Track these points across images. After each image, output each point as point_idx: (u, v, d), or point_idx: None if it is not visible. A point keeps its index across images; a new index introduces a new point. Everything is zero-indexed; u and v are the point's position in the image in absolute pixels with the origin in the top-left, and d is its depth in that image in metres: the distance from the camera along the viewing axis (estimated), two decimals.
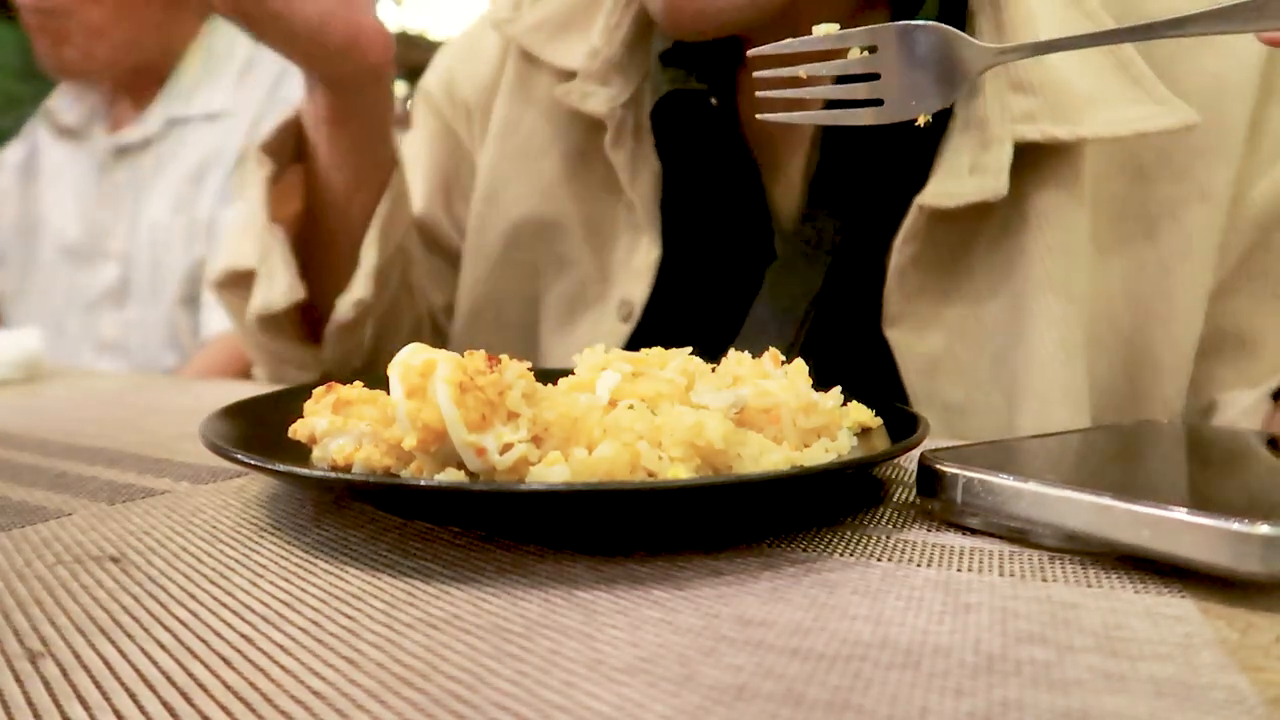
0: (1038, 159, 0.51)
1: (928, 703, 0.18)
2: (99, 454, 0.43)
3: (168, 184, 1.19)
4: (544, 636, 0.22)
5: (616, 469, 0.28)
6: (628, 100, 0.61)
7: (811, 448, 0.32)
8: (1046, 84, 0.50)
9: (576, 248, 0.65)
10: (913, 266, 0.53)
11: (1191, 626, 0.22)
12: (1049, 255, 0.51)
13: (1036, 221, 0.51)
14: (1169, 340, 0.52)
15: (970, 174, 0.51)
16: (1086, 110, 0.49)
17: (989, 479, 0.29)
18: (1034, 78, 0.50)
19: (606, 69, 0.61)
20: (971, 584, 0.25)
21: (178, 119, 1.22)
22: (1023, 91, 0.50)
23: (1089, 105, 0.50)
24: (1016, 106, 0.50)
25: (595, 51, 0.61)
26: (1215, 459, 0.35)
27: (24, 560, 0.28)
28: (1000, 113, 0.50)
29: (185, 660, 0.21)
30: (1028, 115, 0.50)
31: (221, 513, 0.33)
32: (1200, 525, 0.24)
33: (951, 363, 0.54)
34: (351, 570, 0.26)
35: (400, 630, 0.22)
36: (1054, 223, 0.51)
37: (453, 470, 0.29)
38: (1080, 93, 0.50)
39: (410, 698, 0.19)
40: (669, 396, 0.33)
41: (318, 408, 0.33)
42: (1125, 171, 0.53)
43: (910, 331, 0.54)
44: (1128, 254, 0.53)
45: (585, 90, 0.61)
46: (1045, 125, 0.49)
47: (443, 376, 0.28)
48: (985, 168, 0.50)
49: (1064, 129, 0.49)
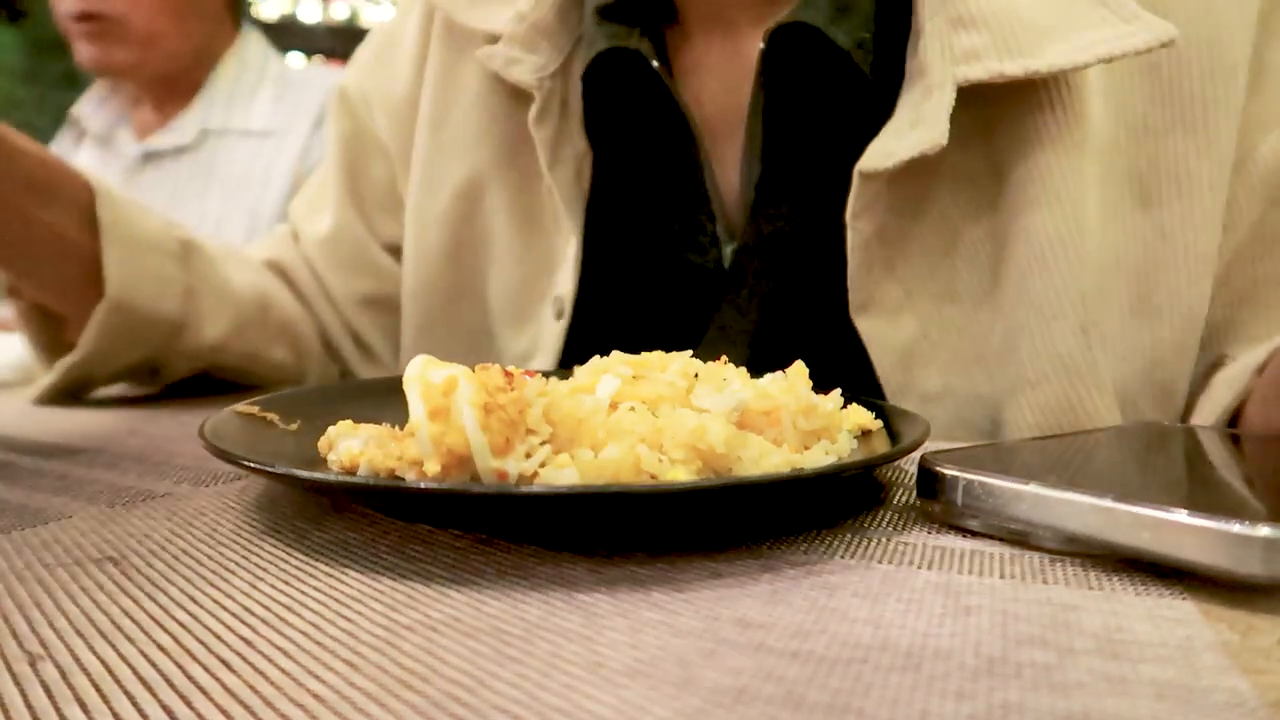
0: (1017, 113, 0.46)
1: (928, 705, 0.18)
2: (99, 456, 0.43)
3: (204, 197, 1.19)
4: (544, 639, 0.22)
5: (622, 471, 0.28)
6: (556, 70, 0.56)
7: (812, 450, 0.32)
8: (994, 16, 0.44)
9: (515, 239, 0.61)
10: (878, 243, 0.49)
11: (1192, 629, 0.22)
12: (1040, 218, 0.46)
13: (1021, 180, 0.46)
14: (1174, 311, 0.48)
15: (911, 129, 0.45)
16: (1042, 41, 0.43)
17: (989, 481, 0.29)
18: (979, 10, 0.44)
19: (534, 34, 0.55)
20: (972, 586, 0.25)
21: (213, 130, 1.23)
22: (966, 27, 0.44)
23: (1045, 35, 0.44)
24: (959, 45, 0.45)
25: (522, 15, 0.56)
26: (1216, 461, 0.35)
27: (23, 563, 0.28)
28: (941, 54, 0.45)
29: (185, 663, 0.20)
30: (971, 54, 0.44)
31: (222, 515, 0.33)
32: (1201, 527, 0.24)
33: (928, 349, 0.50)
34: (351, 573, 0.26)
35: (400, 633, 0.22)
36: (1043, 181, 0.45)
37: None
38: (1034, 21, 0.44)
39: (410, 700, 0.19)
40: (670, 399, 0.33)
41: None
42: (1127, 126, 0.48)
43: (880, 318, 0.50)
44: (1128, 219, 0.48)
45: (510, 56, 0.55)
46: (991, 62, 0.44)
47: (467, 398, 0.28)
48: (924, 119, 0.45)
49: (1013, 64, 0.43)
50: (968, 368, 0.50)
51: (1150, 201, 0.48)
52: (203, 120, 1.23)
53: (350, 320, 0.70)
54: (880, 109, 0.50)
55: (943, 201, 0.49)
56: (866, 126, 0.49)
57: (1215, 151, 0.47)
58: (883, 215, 0.48)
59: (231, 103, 1.24)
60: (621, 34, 0.54)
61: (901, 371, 0.50)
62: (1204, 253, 0.47)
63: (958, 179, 0.48)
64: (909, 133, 0.46)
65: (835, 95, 0.52)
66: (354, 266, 0.69)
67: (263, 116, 1.22)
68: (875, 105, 0.50)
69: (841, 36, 0.49)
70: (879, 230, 0.49)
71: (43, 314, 0.60)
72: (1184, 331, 0.48)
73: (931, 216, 0.49)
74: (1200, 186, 0.47)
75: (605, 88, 0.57)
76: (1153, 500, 0.25)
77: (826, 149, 0.52)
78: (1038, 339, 0.47)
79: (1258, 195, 0.48)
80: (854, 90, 0.51)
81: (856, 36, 0.49)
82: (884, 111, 0.49)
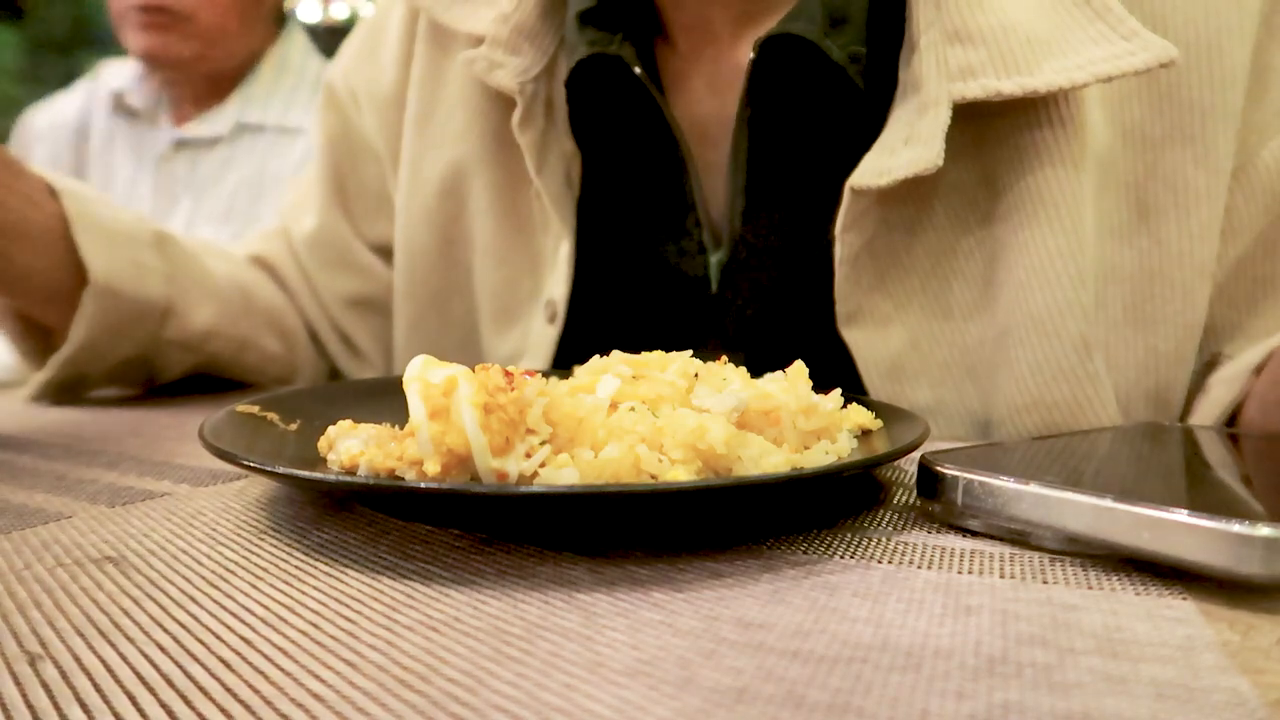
0: (1014, 130, 0.46)
1: (929, 705, 0.18)
2: (99, 456, 0.43)
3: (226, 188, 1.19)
4: (544, 639, 0.22)
5: (622, 471, 0.28)
6: (540, 73, 0.55)
7: (812, 450, 0.32)
8: (990, 31, 0.43)
9: (498, 239, 0.60)
10: (867, 256, 0.48)
11: (1193, 629, 0.22)
12: (1041, 234, 0.45)
13: (1019, 196, 0.46)
14: (1170, 321, 0.47)
15: (905, 145, 0.45)
16: (1040, 58, 0.43)
17: (990, 481, 0.29)
18: (976, 25, 0.44)
19: (516, 37, 0.55)
20: (972, 586, 0.25)
21: (250, 125, 1.23)
22: (962, 42, 0.44)
23: (1043, 51, 0.43)
24: (955, 61, 0.44)
25: (505, 16, 0.55)
26: (1216, 461, 0.35)
27: (23, 562, 0.28)
28: (936, 70, 0.44)
29: (185, 663, 0.20)
30: (967, 70, 0.44)
31: (221, 515, 0.33)
32: (1201, 527, 0.24)
33: (918, 362, 0.49)
34: (351, 573, 0.26)
35: (400, 633, 0.22)
36: (1042, 197, 0.45)
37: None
38: (1031, 37, 0.43)
39: (410, 700, 0.19)
40: (670, 399, 0.33)
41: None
42: (1125, 135, 0.47)
43: (869, 330, 0.49)
44: (1124, 230, 0.47)
45: (493, 59, 0.55)
46: (988, 80, 0.43)
47: (467, 398, 0.28)
48: (919, 136, 0.44)
49: (1011, 82, 0.42)
50: (959, 382, 0.49)
51: (1147, 212, 0.47)
52: (239, 114, 1.22)
53: (337, 319, 0.70)
54: (871, 121, 0.49)
55: (935, 215, 0.48)
56: (856, 138, 0.49)
57: (1213, 160, 0.46)
58: (872, 229, 0.48)
59: (269, 99, 1.23)
60: (603, 40, 0.53)
61: (890, 383, 0.50)
62: (1201, 263, 0.47)
63: (950, 193, 0.48)
64: (902, 149, 0.45)
65: (825, 107, 0.51)
66: (339, 266, 0.69)
67: (300, 115, 1.22)
68: (866, 117, 0.50)
69: (836, 50, 0.48)
70: (868, 244, 0.48)
71: (28, 323, 0.60)
72: (1180, 341, 0.48)
73: (923, 230, 0.48)
74: (1198, 196, 0.46)
75: (589, 93, 0.56)
76: (1153, 500, 0.25)
77: (815, 160, 0.52)
78: (1038, 353, 0.46)
79: (1259, 204, 0.47)
80: (844, 102, 0.50)
81: (850, 50, 0.49)
82: (874, 123, 0.49)
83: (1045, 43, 0.43)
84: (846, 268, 0.49)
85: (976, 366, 0.49)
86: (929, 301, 0.49)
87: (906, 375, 0.50)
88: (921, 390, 0.50)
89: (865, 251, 0.48)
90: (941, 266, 0.49)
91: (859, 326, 0.50)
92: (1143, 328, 0.48)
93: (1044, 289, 0.46)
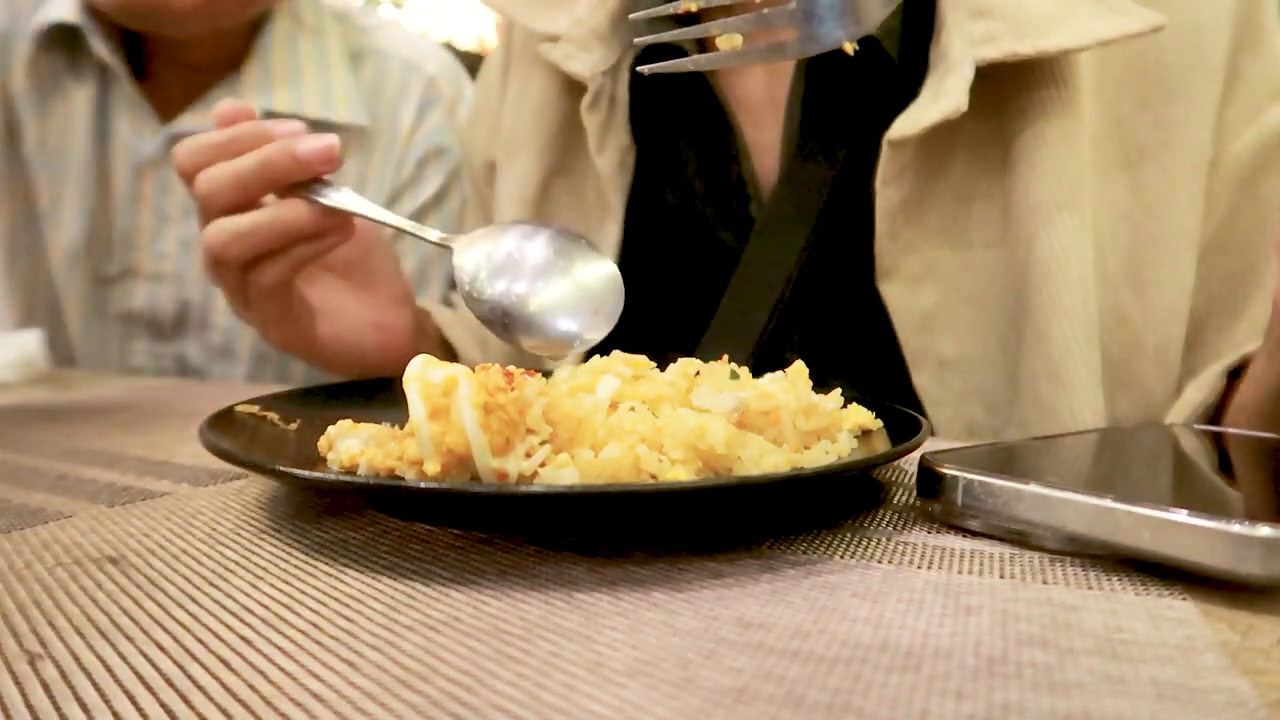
0: (1023, 90, 0.52)
1: (928, 705, 0.18)
2: (99, 456, 0.43)
3: None
4: (544, 639, 0.22)
5: (622, 471, 0.28)
6: (609, 70, 0.61)
7: (812, 450, 0.32)
8: (1008, 7, 0.51)
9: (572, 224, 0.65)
10: (902, 213, 0.54)
11: (1193, 629, 0.22)
12: (1049, 188, 0.51)
13: (1026, 144, 0.52)
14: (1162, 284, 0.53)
15: (934, 102, 0.51)
16: (1049, 27, 0.50)
17: (990, 481, 0.29)
18: (995, 3, 0.51)
19: (589, 38, 0.61)
20: (972, 586, 0.25)
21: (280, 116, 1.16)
22: (983, 16, 0.51)
23: (1051, 23, 0.50)
24: (977, 31, 0.51)
25: (580, 20, 0.61)
26: (1216, 461, 0.35)
27: (23, 562, 0.28)
28: (961, 41, 0.51)
29: (184, 662, 0.20)
30: (988, 37, 0.50)
31: (221, 515, 0.33)
32: (1201, 528, 0.24)
33: (946, 315, 0.54)
34: (351, 572, 0.26)
35: (400, 632, 0.22)
36: (1045, 144, 0.51)
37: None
38: (1042, 13, 0.51)
39: (410, 700, 0.19)
40: (670, 399, 0.33)
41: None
42: (1113, 116, 0.53)
43: (904, 285, 0.54)
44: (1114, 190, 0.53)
45: (568, 52, 0.61)
46: (1006, 43, 0.50)
47: (467, 398, 0.28)
48: (946, 92, 0.51)
49: (1026, 44, 0.50)
50: (983, 335, 0.54)
51: (1137, 185, 0.53)
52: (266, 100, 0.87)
53: None
54: (905, 95, 0.54)
55: (960, 164, 0.55)
56: (892, 110, 0.54)
57: (1195, 142, 0.53)
58: (909, 182, 0.53)
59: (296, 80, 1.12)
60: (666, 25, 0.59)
61: (922, 337, 0.54)
62: (1189, 231, 0.53)
63: (972, 144, 0.54)
64: (932, 105, 0.51)
65: (865, 80, 0.56)
66: None
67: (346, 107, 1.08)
68: (901, 91, 0.54)
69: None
70: (904, 199, 0.53)
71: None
72: (1174, 301, 0.53)
73: (950, 177, 0.55)
74: (1181, 169, 0.53)
75: (650, 82, 0.60)
76: (1153, 500, 0.25)
77: (856, 127, 0.57)
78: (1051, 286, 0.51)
79: (1231, 186, 0.54)
80: (881, 75, 0.56)
81: (886, 25, 0.54)
82: (909, 97, 0.54)
83: (1054, 18, 0.51)
84: (887, 220, 0.53)
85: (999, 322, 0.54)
86: (959, 257, 0.55)
87: (937, 328, 0.55)
88: (950, 344, 0.55)
89: (900, 207, 0.53)
90: (966, 205, 0.55)
91: (894, 282, 0.54)
92: (1138, 290, 0.53)
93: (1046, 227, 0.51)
